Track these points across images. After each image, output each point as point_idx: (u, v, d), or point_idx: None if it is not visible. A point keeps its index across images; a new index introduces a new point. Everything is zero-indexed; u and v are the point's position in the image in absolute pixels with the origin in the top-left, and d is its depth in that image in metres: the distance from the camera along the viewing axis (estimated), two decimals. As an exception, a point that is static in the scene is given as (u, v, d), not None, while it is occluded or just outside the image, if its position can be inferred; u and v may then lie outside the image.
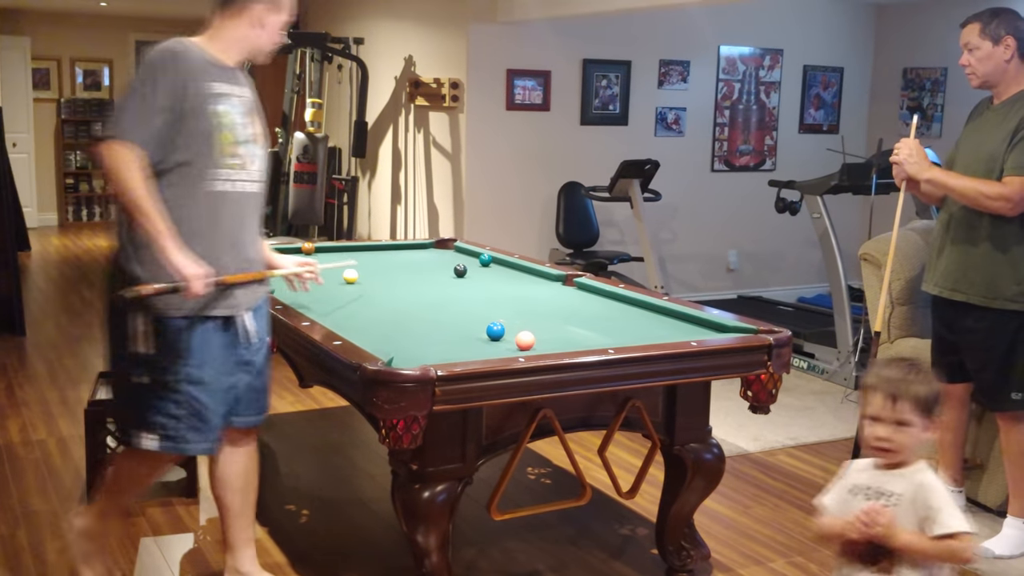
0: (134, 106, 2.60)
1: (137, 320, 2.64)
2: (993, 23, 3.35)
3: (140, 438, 2.72)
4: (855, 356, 5.47)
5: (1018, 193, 3.25)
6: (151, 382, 2.67)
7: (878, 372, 2.13)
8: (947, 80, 7.39)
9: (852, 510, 2.08)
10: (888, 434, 2.06)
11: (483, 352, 2.75)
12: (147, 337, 2.65)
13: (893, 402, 2.06)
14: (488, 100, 6.64)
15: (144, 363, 2.67)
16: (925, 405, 2.07)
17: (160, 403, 2.68)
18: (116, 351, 2.75)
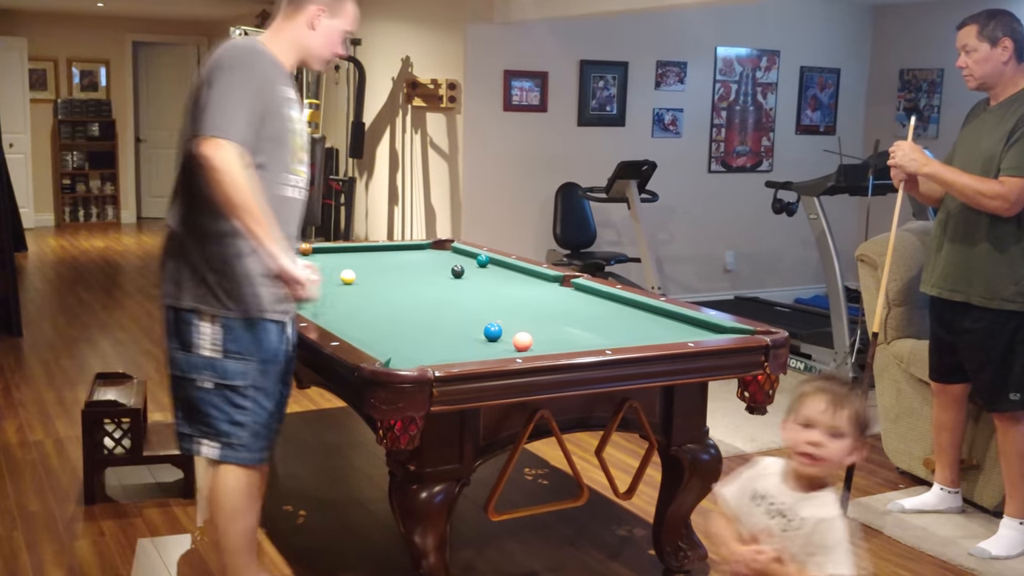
0: (228, 103, 2.46)
1: (203, 323, 2.58)
2: (990, 25, 3.35)
3: (201, 446, 2.65)
4: (852, 357, 5.48)
5: (1014, 193, 3.25)
6: (215, 387, 2.61)
7: (819, 379, 2.08)
8: (944, 81, 7.40)
9: (751, 518, 2.04)
10: (822, 439, 1.99)
11: (480, 353, 2.75)
12: (214, 340, 2.59)
13: (835, 409, 2.00)
14: (485, 101, 6.64)
15: (210, 367, 2.60)
16: (861, 424, 2.02)
17: (226, 409, 2.62)
18: (178, 355, 2.63)
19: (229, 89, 2.48)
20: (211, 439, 2.64)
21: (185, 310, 2.59)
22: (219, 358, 2.59)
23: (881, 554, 3.50)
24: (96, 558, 3.32)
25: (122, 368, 5.21)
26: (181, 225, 2.61)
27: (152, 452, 3.84)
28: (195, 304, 2.58)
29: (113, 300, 7.50)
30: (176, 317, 2.61)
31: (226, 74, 2.50)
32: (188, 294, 2.59)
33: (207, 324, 2.59)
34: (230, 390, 2.61)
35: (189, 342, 2.60)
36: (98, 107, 11.54)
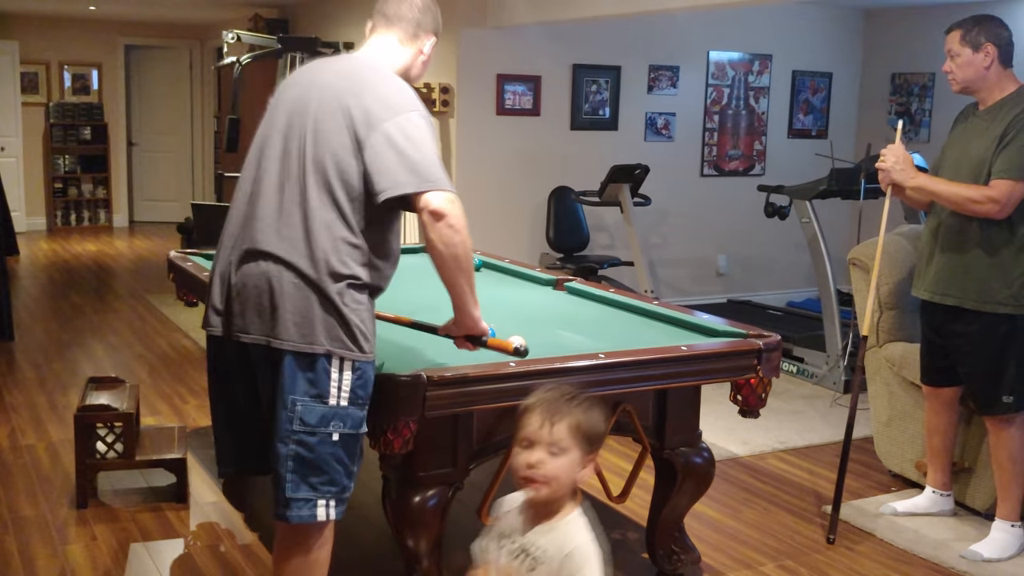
0: (433, 154, 2.35)
1: (340, 368, 2.35)
2: (974, 30, 3.38)
3: (319, 508, 2.37)
4: (844, 360, 5.49)
5: (1005, 195, 3.27)
6: (340, 438, 2.36)
7: (538, 393, 1.92)
8: (935, 85, 7.43)
9: (499, 562, 1.89)
10: (540, 458, 1.82)
11: (474, 356, 2.75)
12: (347, 386, 2.37)
13: (550, 423, 1.83)
14: (478, 105, 6.65)
15: (338, 417, 2.36)
16: (586, 435, 1.85)
17: (346, 462, 2.39)
18: (306, 407, 2.33)
19: (423, 139, 2.36)
20: (330, 497, 2.38)
21: (320, 355, 2.33)
22: (347, 406, 2.36)
23: (873, 557, 3.51)
24: (89, 563, 3.31)
25: (114, 372, 5.20)
26: (312, 265, 2.34)
27: (145, 456, 3.83)
28: (331, 347, 2.33)
29: (105, 304, 7.48)
30: (304, 363, 2.33)
31: (414, 122, 2.37)
32: (323, 336, 2.33)
33: (345, 370, 2.36)
34: (352, 439, 2.39)
35: (322, 392, 2.34)
36: (90, 110, 11.52)
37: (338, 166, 2.36)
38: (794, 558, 3.48)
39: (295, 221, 2.37)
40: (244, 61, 7.52)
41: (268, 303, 2.36)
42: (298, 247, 2.36)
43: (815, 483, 4.20)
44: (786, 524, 3.77)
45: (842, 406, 5.21)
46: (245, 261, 2.40)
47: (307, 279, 2.34)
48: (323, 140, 2.38)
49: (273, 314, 2.35)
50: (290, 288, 2.34)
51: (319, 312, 2.33)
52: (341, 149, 2.36)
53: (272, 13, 9.36)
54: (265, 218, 2.40)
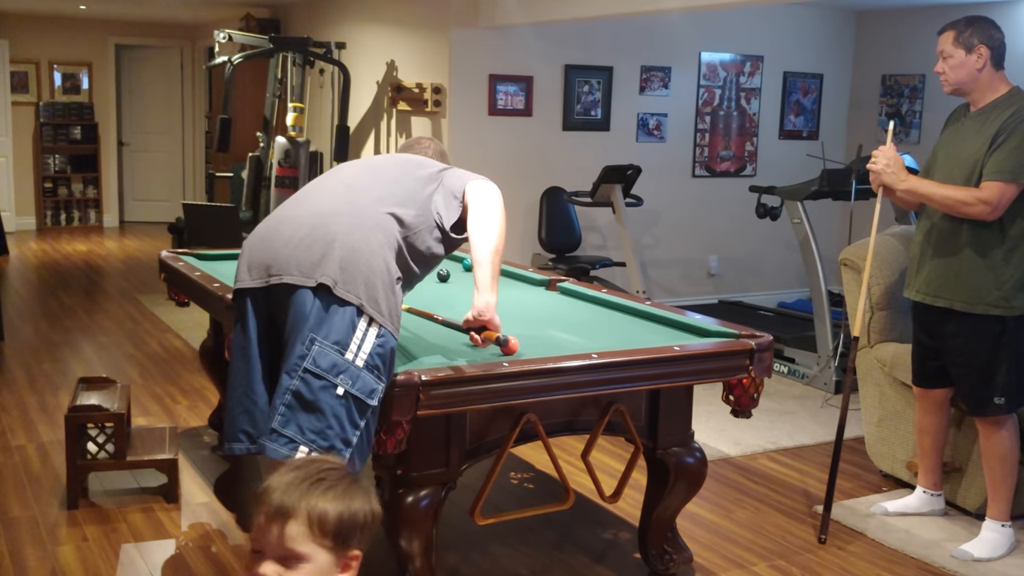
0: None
1: (365, 324, 2.42)
2: (967, 32, 3.39)
3: (297, 452, 2.35)
4: (835, 361, 5.51)
5: (996, 197, 3.29)
6: (344, 395, 2.38)
7: (275, 476, 1.52)
8: (925, 87, 7.45)
9: None
10: (269, 573, 1.43)
11: (467, 357, 2.75)
12: (367, 346, 2.42)
13: (281, 523, 1.44)
14: (470, 105, 6.64)
15: (350, 372, 2.39)
16: (336, 530, 1.45)
17: (345, 423, 2.39)
18: (323, 350, 2.38)
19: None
20: (315, 448, 2.36)
21: (350, 303, 2.41)
22: (361, 366, 2.39)
23: (864, 557, 3.52)
24: (79, 564, 3.30)
25: (105, 372, 5.18)
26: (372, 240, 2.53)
27: (136, 457, 3.82)
28: (364, 302, 2.43)
29: (95, 304, 7.46)
30: (333, 306, 2.40)
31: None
32: (361, 289, 2.43)
33: (371, 329, 2.43)
34: (359, 404, 2.39)
35: (343, 340, 2.39)
36: (80, 110, 11.48)
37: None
38: (786, 558, 3.49)
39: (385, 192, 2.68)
40: (235, 61, 7.50)
41: (321, 249, 2.47)
42: (366, 224, 2.56)
43: (806, 483, 4.21)
44: (778, 524, 3.78)
45: (833, 406, 5.23)
46: (312, 225, 2.56)
47: (368, 247, 2.50)
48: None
49: (323, 258, 2.45)
50: (349, 243, 2.48)
51: (366, 272, 2.45)
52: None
53: (264, 13, 9.34)
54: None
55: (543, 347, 2.86)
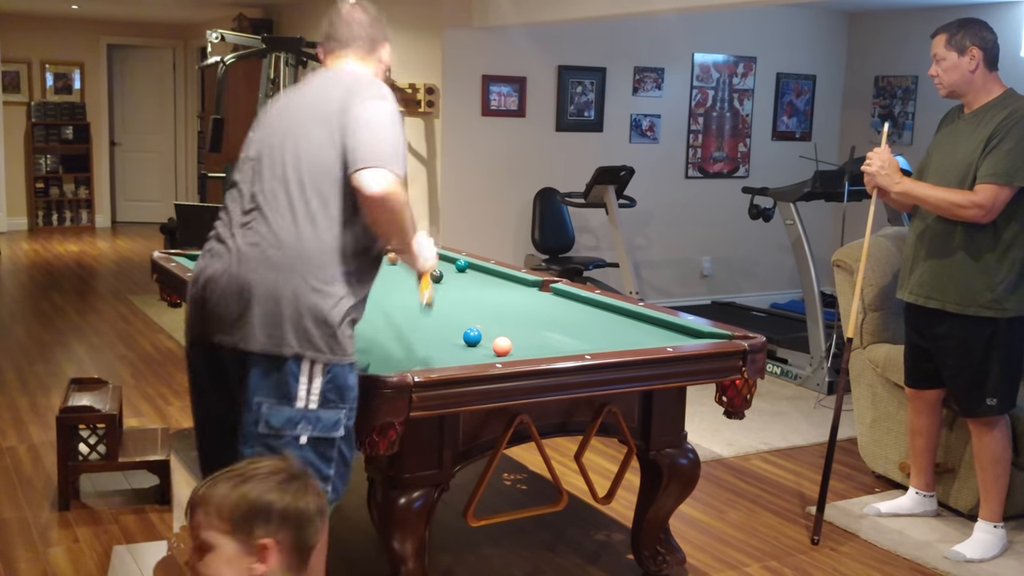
0: (397, 138, 2.42)
1: (309, 370, 2.33)
2: (959, 34, 3.39)
3: None
4: (828, 362, 5.51)
5: (990, 200, 3.29)
6: (309, 441, 2.34)
7: (207, 486, 1.60)
8: (918, 88, 7.47)
9: None
10: (193, 560, 1.54)
11: (460, 358, 2.75)
12: (316, 389, 2.34)
13: (192, 512, 1.56)
14: (463, 106, 6.64)
15: (307, 419, 2.33)
16: (233, 516, 1.52)
17: (317, 465, 2.35)
18: (271, 410, 2.32)
19: (390, 123, 2.43)
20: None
21: (288, 357, 2.31)
22: (315, 408, 2.33)
23: (857, 557, 3.52)
24: (71, 565, 3.29)
25: (97, 373, 5.16)
26: (283, 257, 2.35)
27: (128, 458, 3.81)
28: (301, 350, 2.32)
29: (87, 305, 7.43)
30: (272, 366, 2.32)
31: (383, 108, 2.46)
32: (292, 338, 2.32)
33: (315, 371, 2.33)
34: (324, 443, 2.36)
35: (290, 394, 2.32)
36: (72, 110, 11.45)
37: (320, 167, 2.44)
38: (778, 559, 3.49)
39: (256, 214, 2.44)
40: (228, 61, 7.49)
41: (238, 307, 2.36)
42: (258, 241, 2.40)
43: (799, 484, 4.22)
44: (770, 525, 3.78)
45: (826, 407, 5.23)
46: (230, 275, 2.42)
47: (269, 275, 2.36)
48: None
49: (241, 317, 2.36)
50: (249, 287, 2.35)
51: (286, 310, 2.33)
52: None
53: (256, 13, 9.32)
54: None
55: (536, 348, 2.86)
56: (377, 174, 2.31)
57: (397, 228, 2.42)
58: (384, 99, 2.47)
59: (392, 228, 2.42)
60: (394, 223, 2.40)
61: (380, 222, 2.39)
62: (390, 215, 2.37)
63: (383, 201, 2.32)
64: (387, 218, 2.38)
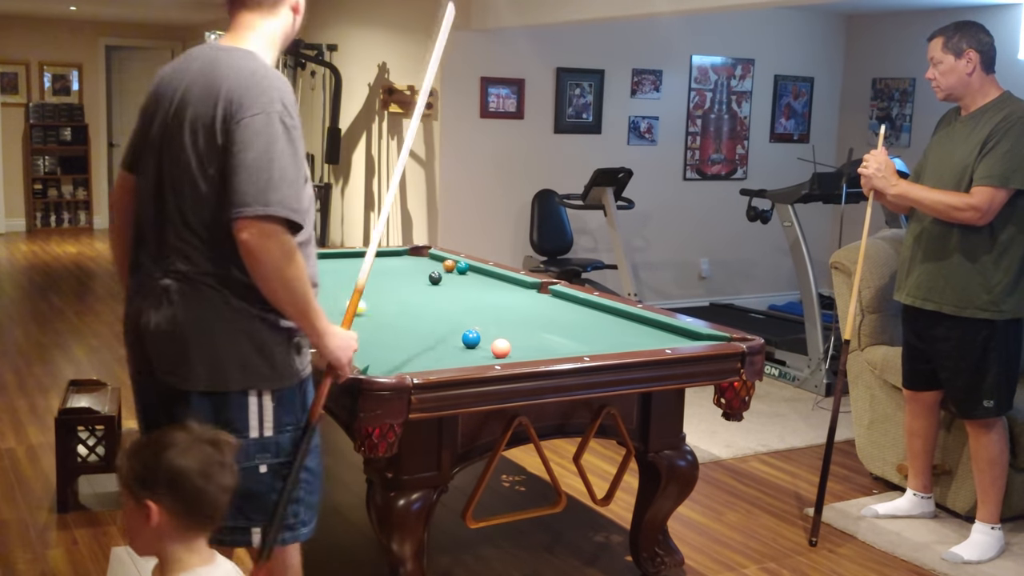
0: (287, 167, 2.08)
1: (259, 400, 2.20)
2: (955, 37, 3.40)
3: (254, 535, 2.26)
4: (826, 364, 5.52)
5: (986, 202, 3.30)
6: (269, 468, 2.23)
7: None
8: (915, 91, 7.48)
9: None
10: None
11: (459, 360, 2.75)
12: (269, 416, 2.22)
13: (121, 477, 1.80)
14: (462, 108, 6.64)
15: (264, 448, 2.22)
16: (129, 481, 1.76)
17: (278, 485, 2.26)
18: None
19: (277, 144, 2.08)
20: (266, 524, 2.25)
21: (235, 392, 2.18)
22: (272, 435, 2.22)
23: (855, 559, 3.53)
24: (70, 567, 3.29)
25: (96, 375, 5.17)
26: (210, 289, 2.16)
27: (126, 460, 3.80)
28: (247, 383, 2.18)
29: (86, 306, 7.43)
30: (220, 403, 2.18)
31: (271, 120, 2.09)
32: (236, 373, 2.17)
33: (265, 400, 2.20)
34: (286, 467, 2.25)
35: (242, 427, 2.18)
36: (70, 111, 11.45)
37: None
38: (776, 560, 3.50)
39: (176, 240, 2.18)
40: (227, 62, 7.48)
41: (175, 346, 2.18)
42: (173, 273, 2.18)
43: (797, 486, 4.22)
44: (768, 527, 3.79)
45: (824, 409, 5.24)
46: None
47: (194, 308, 2.16)
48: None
49: (180, 356, 2.18)
50: (182, 323, 2.16)
51: (224, 345, 2.16)
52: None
53: (255, 14, 9.32)
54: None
55: (534, 350, 2.86)
56: (253, 225, 2.03)
57: (281, 286, 2.09)
58: (269, 113, 2.10)
59: (273, 285, 2.09)
60: (274, 280, 2.08)
61: (257, 277, 2.09)
62: (264, 270, 2.07)
63: (258, 255, 2.05)
64: (262, 273, 2.07)
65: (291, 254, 2.08)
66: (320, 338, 2.20)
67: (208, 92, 2.14)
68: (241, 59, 2.18)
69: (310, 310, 2.15)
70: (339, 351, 2.24)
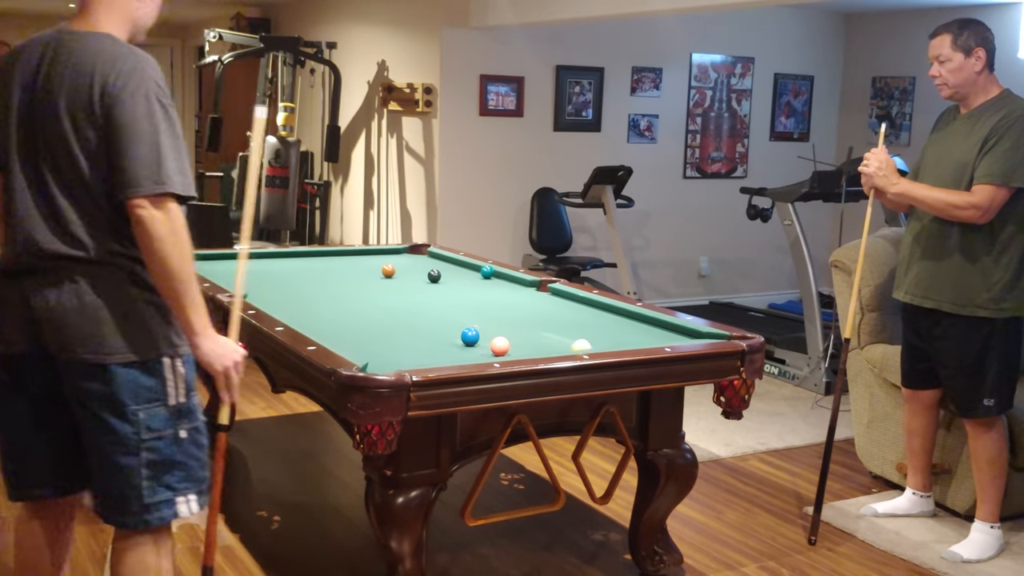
0: (164, 143, 2.14)
1: (172, 366, 2.25)
2: (964, 35, 3.38)
3: (179, 505, 2.29)
4: (825, 362, 5.52)
5: (987, 201, 3.29)
6: (188, 433, 2.29)
7: None
8: (915, 89, 7.48)
9: None
10: None
11: (458, 357, 2.75)
12: (183, 381, 2.28)
13: None
14: (461, 105, 6.64)
15: (181, 413, 2.27)
16: None
17: (197, 454, 2.31)
18: (145, 416, 2.22)
19: (159, 123, 2.14)
20: (190, 492, 2.30)
21: (152, 360, 2.22)
22: (186, 401, 2.28)
23: (854, 558, 3.52)
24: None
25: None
26: (112, 266, 2.21)
27: (125, 457, 3.79)
28: (161, 350, 2.23)
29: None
30: (140, 371, 2.21)
31: (151, 101, 2.15)
32: (150, 340, 2.22)
33: (176, 365, 2.26)
34: (197, 431, 2.31)
35: (163, 395, 2.24)
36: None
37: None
38: (776, 559, 3.49)
39: (84, 214, 2.21)
40: (226, 60, 7.48)
41: (77, 318, 2.19)
42: (74, 243, 2.20)
43: (796, 484, 4.22)
44: (768, 525, 3.79)
45: (823, 408, 5.24)
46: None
47: (103, 278, 2.20)
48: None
49: (80, 328, 2.19)
50: (87, 293, 2.19)
51: (135, 313, 2.21)
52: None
53: (254, 12, 9.31)
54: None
55: (534, 348, 2.86)
56: (148, 202, 2.10)
57: (175, 260, 2.13)
58: (147, 94, 2.16)
59: (166, 261, 2.12)
60: (169, 254, 2.12)
61: (150, 253, 2.13)
62: (160, 245, 2.11)
63: (153, 231, 2.10)
64: (156, 248, 2.11)
65: (183, 228, 2.14)
66: (197, 335, 2.22)
67: (80, 78, 2.17)
68: (104, 43, 2.23)
69: (193, 292, 2.17)
70: (214, 356, 2.25)
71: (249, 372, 3.13)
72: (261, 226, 7.38)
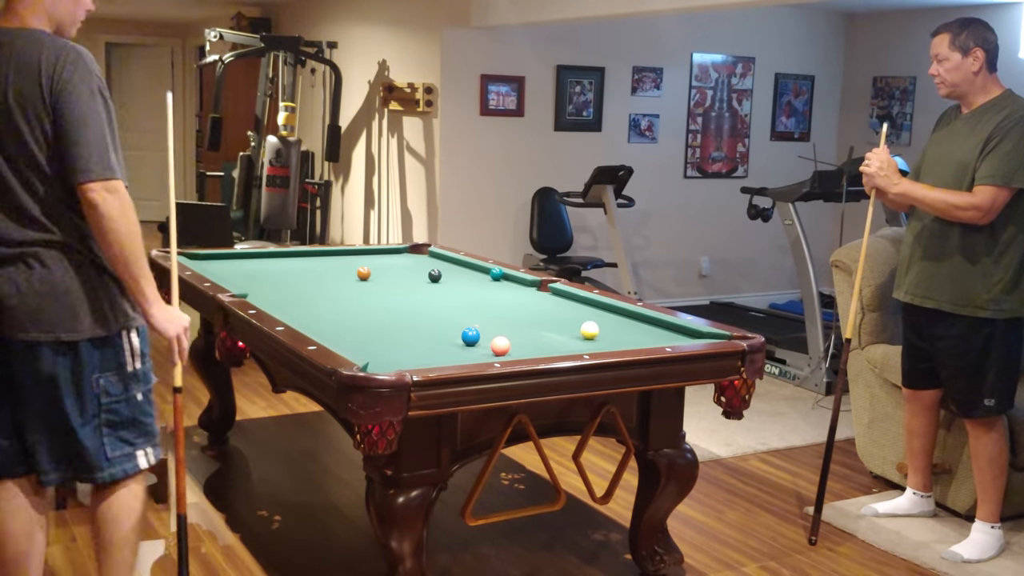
0: (107, 132, 2.35)
1: (129, 336, 2.52)
2: (962, 35, 3.38)
3: (139, 458, 2.58)
4: (826, 362, 5.52)
5: (988, 202, 3.29)
6: (143, 395, 2.59)
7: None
8: (916, 89, 7.47)
9: None
10: None
11: (458, 357, 2.75)
12: (139, 348, 2.56)
13: None
14: (462, 105, 6.64)
15: (137, 377, 2.56)
16: None
17: (150, 411, 2.62)
18: (111, 382, 2.49)
19: (97, 113, 2.34)
20: (147, 445, 2.61)
21: (114, 335, 2.48)
22: (141, 367, 2.57)
23: (855, 558, 3.52)
24: (68, 564, 3.28)
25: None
26: (72, 250, 2.41)
27: (125, 457, 3.80)
28: (120, 324, 2.49)
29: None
30: (106, 346, 2.47)
31: (88, 91, 2.34)
32: (112, 316, 2.47)
33: (132, 337, 2.53)
34: (150, 391, 2.62)
35: (121, 363, 2.51)
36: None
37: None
38: (776, 559, 3.49)
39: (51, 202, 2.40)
40: (227, 60, 7.48)
41: (36, 301, 2.39)
42: (40, 229, 2.39)
43: (797, 484, 4.22)
44: (768, 525, 3.79)
45: (824, 408, 5.23)
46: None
47: (66, 260, 2.41)
48: None
49: (48, 309, 2.40)
50: (55, 275, 2.40)
51: (98, 290, 2.44)
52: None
53: (255, 12, 9.32)
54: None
55: (534, 348, 2.86)
56: (100, 186, 2.30)
57: (127, 240, 2.35)
58: (91, 86, 2.36)
59: (120, 240, 2.34)
60: (122, 234, 2.34)
61: (104, 233, 2.33)
62: (114, 225, 2.32)
63: (106, 212, 2.31)
64: (111, 228, 2.32)
65: (131, 208, 2.35)
66: (150, 305, 2.46)
67: (25, 71, 2.32)
68: (43, 38, 2.37)
69: (144, 266, 2.41)
70: (167, 323, 2.50)
71: (250, 372, 3.14)
72: (261, 225, 7.38)
